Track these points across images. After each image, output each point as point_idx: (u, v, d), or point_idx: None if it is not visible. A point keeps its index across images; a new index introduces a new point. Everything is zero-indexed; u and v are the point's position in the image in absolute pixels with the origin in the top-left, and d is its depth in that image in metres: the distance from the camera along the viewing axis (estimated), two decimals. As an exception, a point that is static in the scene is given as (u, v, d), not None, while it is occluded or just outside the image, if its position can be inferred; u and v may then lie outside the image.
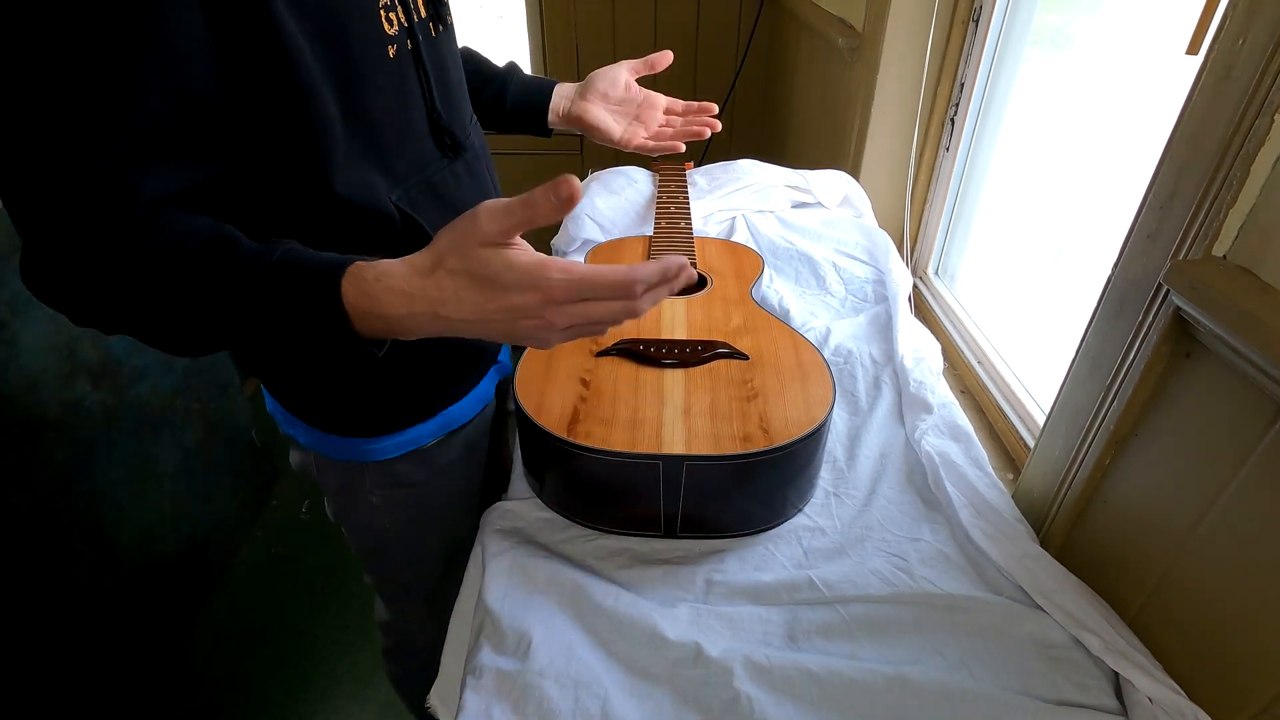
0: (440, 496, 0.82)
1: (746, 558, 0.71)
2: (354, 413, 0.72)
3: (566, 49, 2.26)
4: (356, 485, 0.77)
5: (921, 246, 1.37)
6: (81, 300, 0.50)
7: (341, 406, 0.71)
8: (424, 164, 0.64)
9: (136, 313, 0.50)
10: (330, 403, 0.71)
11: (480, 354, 0.78)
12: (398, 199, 0.61)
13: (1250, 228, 0.51)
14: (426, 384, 0.73)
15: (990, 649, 0.61)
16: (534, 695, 0.58)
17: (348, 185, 0.57)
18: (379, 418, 0.72)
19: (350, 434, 0.73)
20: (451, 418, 0.77)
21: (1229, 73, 0.51)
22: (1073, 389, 0.70)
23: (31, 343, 1.15)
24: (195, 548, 1.59)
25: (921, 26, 1.20)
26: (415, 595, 0.93)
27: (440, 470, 0.79)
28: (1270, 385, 0.47)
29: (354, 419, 0.72)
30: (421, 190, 0.64)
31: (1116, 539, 0.64)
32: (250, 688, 1.47)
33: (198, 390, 1.56)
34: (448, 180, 0.67)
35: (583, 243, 1.22)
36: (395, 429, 0.73)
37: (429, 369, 0.71)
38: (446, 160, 0.67)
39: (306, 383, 0.70)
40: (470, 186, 0.70)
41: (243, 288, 0.48)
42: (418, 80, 0.62)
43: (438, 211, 0.64)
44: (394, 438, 0.73)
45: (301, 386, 0.71)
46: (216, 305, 0.48)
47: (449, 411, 0.76)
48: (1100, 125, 0.92)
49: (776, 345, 0.80)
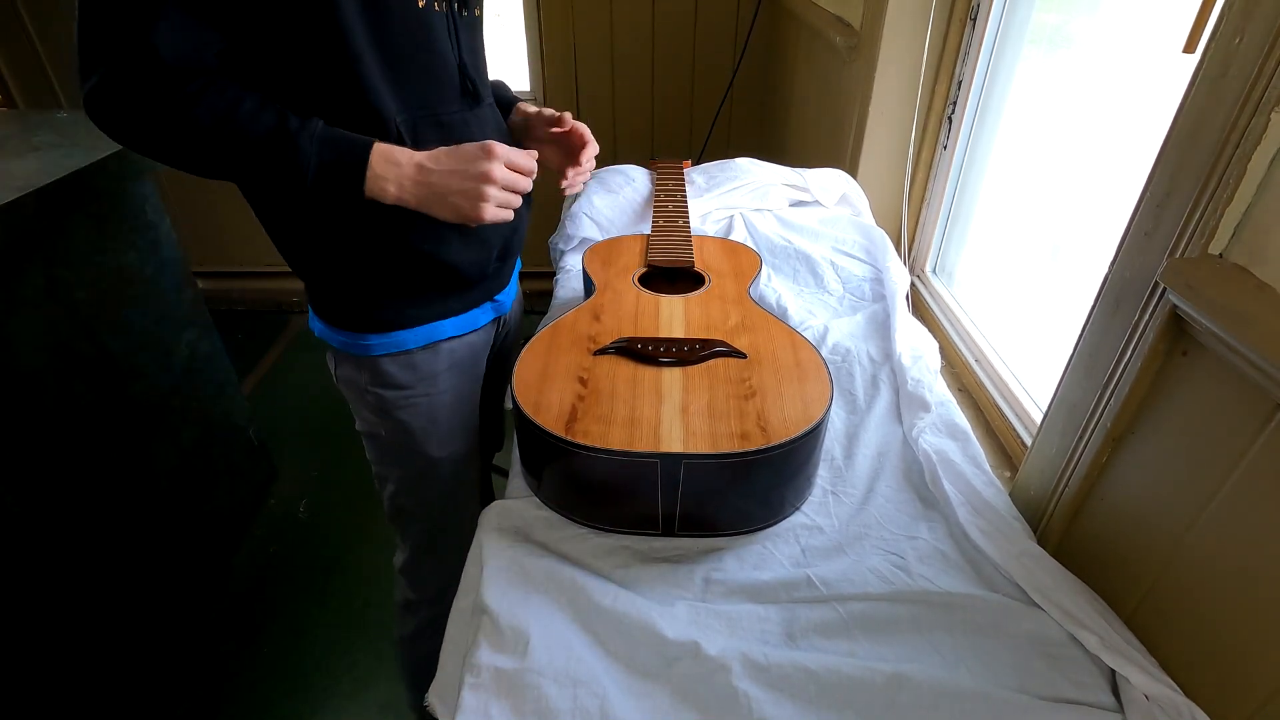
0: (426, 405, 0.88)
1: (745, 556, 0.71)
2: (351, 309, 0.83)
3: (564, 48, 2.26)
4: (357, 380, 0.87)
5: (919, 245, 1.37)
6: (146, 129, 0.64)
7: (343, 302, 0.82)
8: (437, 102, 0.76)
9: (191, 145, 0.66)
10: (336, 298, 0.83)
11: (464, 283, 0.85)
12: (402, 122, 0.73)
13: (1246, 226, 0.51)
14: (408, 295, 0.82)
15: (988, 646, 0.61)
16: (532, 694, 0.58)
17: (366, 90, 0.70)
18: (368, 317, 0.82)
19: (348, 328, 0.83)
20: (435, 330, 0.85)
21: (1225, 71, 0.51)
22: (1070, 387, 0.70)
23: (28, 341, 1.15)
24: (193, 547, 1.59)
25: (919, 25, 1.20)
26: (418, 523, 0.98)
27: (425, 378, 0.87)
28: (1266, 382, 0.47)
29: (351, 315, 0.83)
30: (428, 123, 0.75)
31: (1113, 536, 0.64)
32: (250, 687, 1.46)
33: (195, 389, 1.56)
34: (457, 123, 0.78)
35: (580, 241, 1.22)
36: (382, 329, 0.83)
37: (409, 283, 0.81)
38: (464, 105, 0.79)
39: (321, 276, 0.82)
40: (479, 130, 0.80)
41: (294, 137, 0.66)
42: (446, 31, 0.75)
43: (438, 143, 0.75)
44: (381, 337, 0.83)
45: (318, 279, 0.82)
46: (262, 144, 0.66)
47: (433, 325, 0.85)
48: (1097, 124, 0.92)
49: (774, 344, 0.80)
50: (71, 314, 1.23)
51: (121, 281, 1.34)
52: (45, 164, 1.21)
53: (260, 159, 0.67)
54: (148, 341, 1.41)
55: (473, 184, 0.71)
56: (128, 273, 1.36)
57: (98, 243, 1.29)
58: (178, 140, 0.66)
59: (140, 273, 1.39)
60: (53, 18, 2.22)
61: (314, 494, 1.92)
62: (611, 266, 0.99)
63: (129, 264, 1.36)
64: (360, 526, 1.80)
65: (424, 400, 0.88)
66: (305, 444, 2.06)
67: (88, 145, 1.30)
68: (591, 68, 2.30)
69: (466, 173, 0.71)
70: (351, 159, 0.68)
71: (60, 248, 1.21)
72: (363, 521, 1.81)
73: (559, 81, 2.32)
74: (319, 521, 1.84)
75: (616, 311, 0.87)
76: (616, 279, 0.95)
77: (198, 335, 1.57)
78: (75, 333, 1.24)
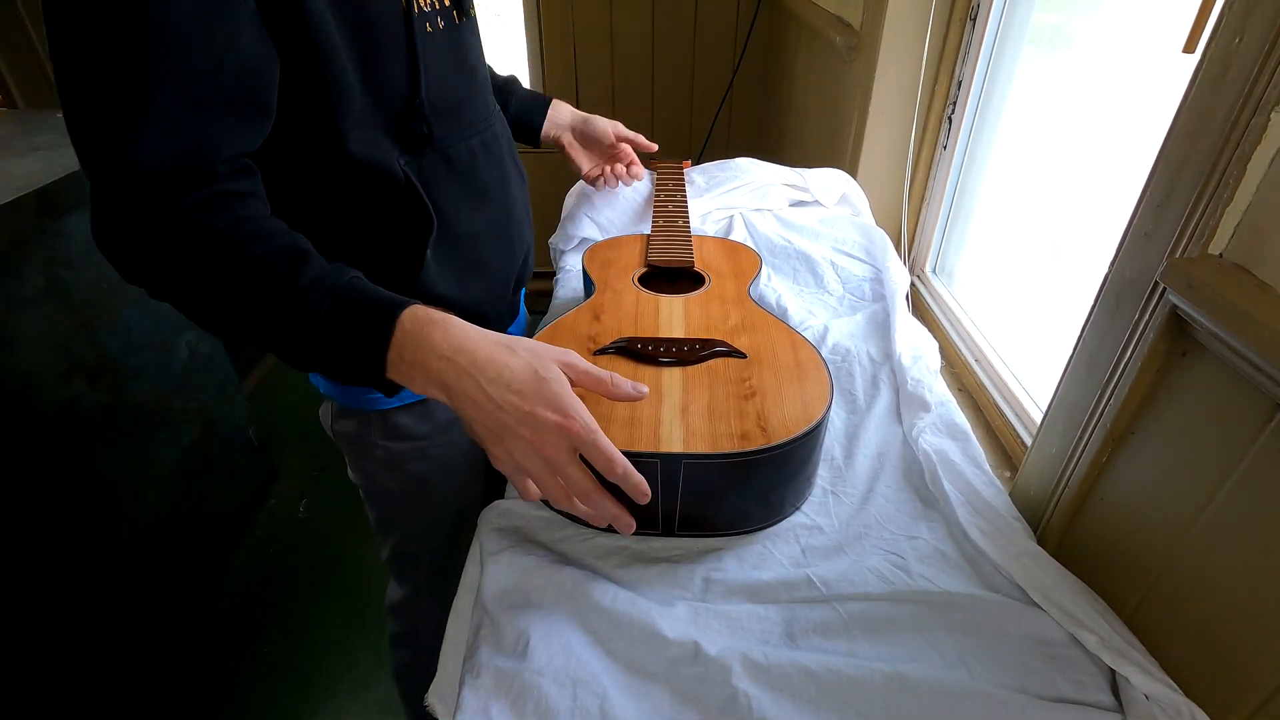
0: (442, 454, 0.85)
1: (745, 556, 0.71)
2: None
3: (564, 48, 2.26)
4: (364, 435, 0.82)
5: (919, 245, 1.37)
6: (141, 259, 0.53)
7: None
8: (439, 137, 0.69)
9: (189, 283, 0.53)
10: None
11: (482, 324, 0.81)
12: (406, 163, 0.66)
13: (1246, 226, 0.51)
14: None
15: (987, 646, 0.61)
16: (532, 694, 0.58)
17: (360, 144, 0.62)
18: None
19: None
20: None
21: (1225, 71, 0.51)
22: (1070, 387, 0.70)
23: (28, 341, 1.15)
24: (193, 547, 1.59)
25: (919, 25, 1.20)
26: (423, 567, 0.96)
27: (442, 427, 0.83)
28: (1266, 383, 0.47)
29: None
30: (435, 160, 0.69)
31: (1113, 536, 0.64)
32: (249, 687, 1.46)
33: (195, 389, 1.56)
34: (463, 155, 0.72)
35: (580, 241, 1.22)
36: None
37: None
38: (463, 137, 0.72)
39: None
40: (486, 164, 0.75)
41: (303, 298, 0.51)
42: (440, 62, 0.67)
43: (448, 181, 0.70)
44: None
45: None
46: (267, 300, 0.52)
47: None
48: (1097, 123, 0.92)
49: (774, 344, 0.80)
50: (71, 314, 1.23)
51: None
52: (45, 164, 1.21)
53: (263, 309, 0.52)
54: (148, 341, 1.41)
55: (520, 434, 0.50)
56: (128, 273, 1.36)
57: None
58: (175, 278, 0.53)
59: (140, 273, 1.39)
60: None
61: (314, 494, 1.92)
62: (611, 266, 0.99)
63: (129, 264, 1.36)
64: (360, 526, 1.80)
65: (440, 450, 0.85)
66: (305, 444, 2.07)
67: (87, 145, 1.30)
68: (591, 67, 2.30)
69: (529, 412, 0.50)
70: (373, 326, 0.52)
71: (60, 248, 1.21)
72: (363, 521, 1.80)
73: (559, 81, 2.32)
74: (319, 521, 1.85)
75: (616, 311, 0.87)
76: (616, 279, 0.95)
77: (198, 335, 1.57)
78: (75, 333, 1.24)
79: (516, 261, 0.84)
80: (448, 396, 0.51)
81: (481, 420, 0.50)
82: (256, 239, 0.52)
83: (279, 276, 0.51)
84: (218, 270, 0.51)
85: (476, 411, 0.50)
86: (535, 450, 0.50)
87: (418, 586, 0.99)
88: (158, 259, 0.52)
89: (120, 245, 0.53)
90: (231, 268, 0.51)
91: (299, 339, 0.52)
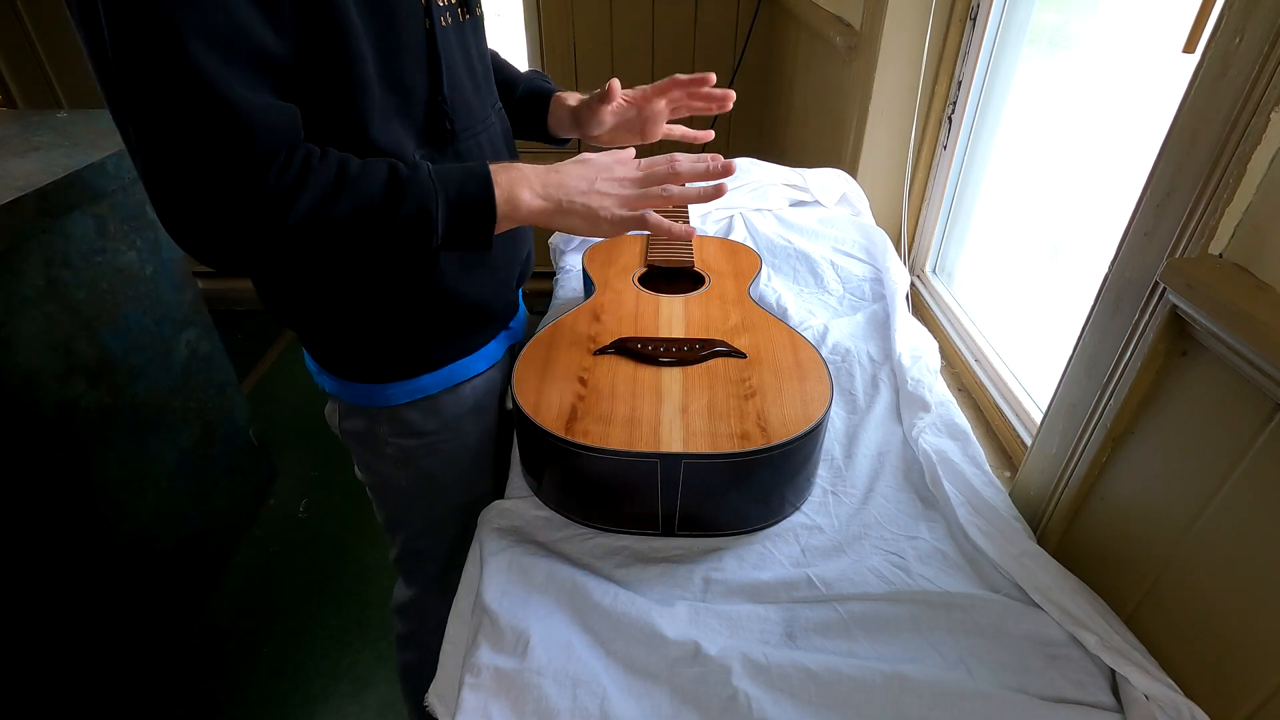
0: (451, 450, 0.86)
1: (745, 556, 0.71)
2: (369, 361, 0.79)
3: (564, 47, 2.26)
4: (374, 433, 0.83)
5: (919, 245, 1.37)
6: (258, 223, 0.55)
7: (358, 355, 0.79)
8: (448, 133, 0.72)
9: (318, 220, 0.57)
10: (350, 352, 0.79)
11: (487, 319, 0.83)
12: (421, 157, 0.68)
13: (1246, 226, 0.51)
14: (434, 338, 0.79)
15: (988, 647, 0.61)
16: (532, 694, 0.58)
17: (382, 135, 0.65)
18: (390, 366, 0.79)
19: (365, 380, 0.80)
20: (457, 371, 0.82)
21: (1225, 71, 0.51)
22: (1070, 387, 0.70)
23: (28, 341, 1.15)
24: (193, 547, 1.59)
25: (919, 25, 1.20)
26: (431, 564, 0.96)
27: (449, 423, 0.84)
28: (1266, 383, 0.47)
29: (368, 367, 0.79)
30: (449, 156, 0.71)
31: (1113, 536, 0.64)
32: (249, 687, 1.46)
33: (195, 389, 1.56)
34: (471, 150, 0.74)
35: (580, 241, 1.22)
36: (404, 376, 0.79)
37: (436, 325, 0.78)
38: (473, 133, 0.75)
39: (332, 332, 0.77)
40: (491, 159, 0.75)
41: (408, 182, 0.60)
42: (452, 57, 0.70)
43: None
44: (403, 384, 0.79)
45: (327, 336, 0.78)
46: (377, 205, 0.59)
47: (455, 365, 0.82)
48: (1097, 123, 0.92)
49: (774, 344, 0.80)
50: (71, 314, 1.23)
51: (121, 281, 1.34)
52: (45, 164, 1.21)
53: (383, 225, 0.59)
54: (148, 341, 1.41)
55: (603, 186, 0.69)
56: (128, 273, 1.36)
57: (98, 243, 1.29)
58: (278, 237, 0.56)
59: (140, 273, 1.39)
60: (53, 18, 2.22)
61: (314, 494, 1.92)
62: (611, 266, 0.99)
63: (129, 264, 1.36)
64: (360, 526, 1.80)
65: (449, 444, 0.85)
66: (305, 444, 2.07)
67: (88, 145, 1.30)
68: (592, 67, 2.30)
69: (595, 171, 0.70)
70: (474, 185, 0.63)
71: (60, 248, 1.21)
72: (363, 521, 1.81)
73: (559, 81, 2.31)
74: (319, 521, 1.85)
75: (616, 311, 0.87)
76: (616, 279, 0.95)
77: (198, 335, 1.57)
78: (75, 333, 1.24)
79: (519, 257, 0.84)
80: (546, 202, 0.67)
81: (577, 197, 0.68)
82: (349, 160, 0.59)
83: (384, 179, 0.59)
84: (337, 193, 0.57)
85: (568, 193, 0.67)
86: (616, 181, 0.69)
87: (426, 585, 0.99)
88: (278, 212, 0.55)
89: (234, 216, 0.54)
90: (348, 186, 0.58)
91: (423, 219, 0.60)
